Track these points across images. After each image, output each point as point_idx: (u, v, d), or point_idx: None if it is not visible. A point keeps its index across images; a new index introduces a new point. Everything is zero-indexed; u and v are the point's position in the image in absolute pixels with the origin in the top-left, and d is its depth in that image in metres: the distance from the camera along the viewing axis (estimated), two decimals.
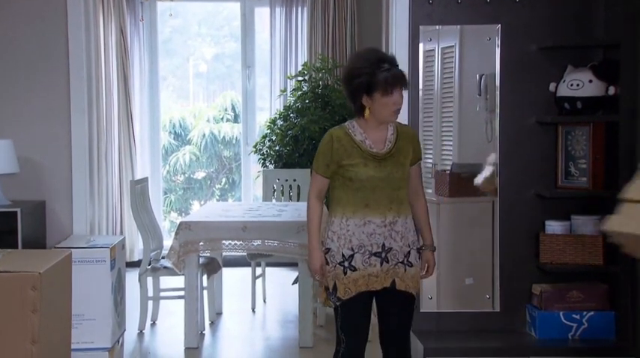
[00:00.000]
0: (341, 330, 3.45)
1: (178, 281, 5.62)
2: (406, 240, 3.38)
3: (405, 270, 3.37)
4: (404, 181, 3.40)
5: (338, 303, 3.41)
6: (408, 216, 3.41)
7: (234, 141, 9.34)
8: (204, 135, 9.38)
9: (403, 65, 4.23)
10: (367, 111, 3.36)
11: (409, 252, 3.38)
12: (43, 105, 5.30)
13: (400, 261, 3.36)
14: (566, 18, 4.10)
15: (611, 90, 3.89)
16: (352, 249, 3.36)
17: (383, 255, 3.36)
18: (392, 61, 3.36)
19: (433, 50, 4.34)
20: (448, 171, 4.37)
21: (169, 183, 9.45)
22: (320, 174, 3.43)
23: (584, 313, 3.93)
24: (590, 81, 3.93)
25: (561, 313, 3.93)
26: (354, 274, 3.37)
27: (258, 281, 6.42)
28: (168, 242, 5.90)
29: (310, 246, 3.45)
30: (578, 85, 3.95)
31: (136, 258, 7.64)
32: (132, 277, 5.81)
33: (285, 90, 7.83)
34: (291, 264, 6.75)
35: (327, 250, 3.41)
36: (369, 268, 3.36)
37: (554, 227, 4.02)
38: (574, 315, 3.93)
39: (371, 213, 3.35)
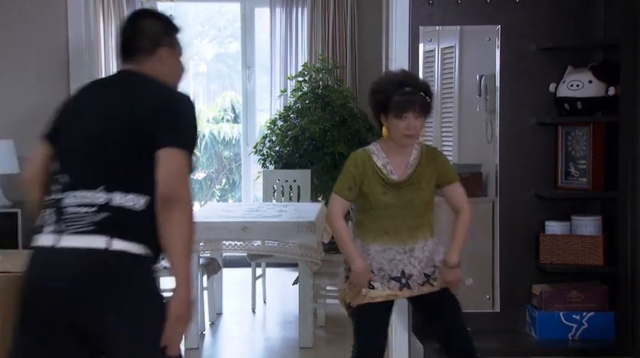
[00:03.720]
0: (355, 334, 3.46)
1: None
2: (429, 262, 3.38)
3: (432, 286, 3.40)
4: (425, 207, 3.37)
5: (355, 305, 3.42)
6: (429, 240, 3.38)
7: (234, 142, 9.35)
8: (204, 135, 9.39)
9: (403, 65, 4.25)
10: (384, 130, 3.37)
11: (433, 272, 3.40)
12: (43, 106, 5.30)
13: (421, 283, 3.38)
14: (566, 19, 4.11)
15: (611, 91, 3.89)
16: (372, 272, 3.37)
17: (403, 280, 3.37)
18: (416, 85, 3.34)
19: (433, 51, 4.34)
20: None
21: None
22: (341, 197, 3.39)
23: (584, 313, 3.92)
24: (590, 81, 3.93)
25: (561, 313, 3.93)
26: (373, 292, 3.38)
27: (259, 282, 6.42)
28: None
29: (351, 258, 3.39)
30: (578, 85, 3.95)
31: None
32: None
33: (285, 90, 7.83)
34: (292, 265, 6.75)
35: (349, 269, 3.42)
36: (387, 290, 3.38)
37: (554, 227, 4.02)
38: (574, 316, 3.93)
39: (391, 240, 3.36)
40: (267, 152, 7.44)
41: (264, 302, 6.53)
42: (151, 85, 2.61)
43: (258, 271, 6.42)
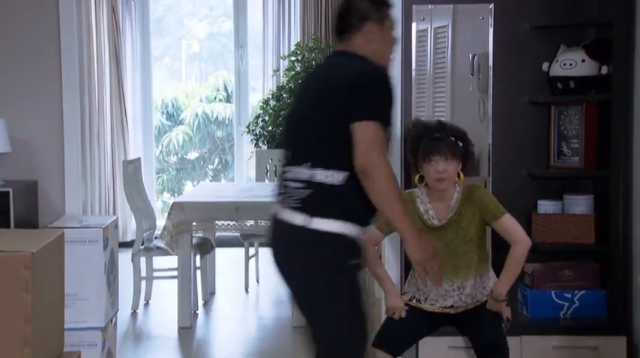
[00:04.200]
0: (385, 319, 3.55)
1: (171, 261, 5.63)
2: (477, 298, 3.50)
3: (477, 303, 3.52)
4: (468, 245, 3.46)
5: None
6: (480, 275, 3.50)
7: (226, 122, 9.33)
8: (196, 115, 9.36)
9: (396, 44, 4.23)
10: (418, 177, 3.48)
11: (484, 297, 3.52)
12: (35, 85, 5.28)
13: (470, 307, 3.51)
14: None
15: (604, 70, 3.89)
16: (420, 302, 3.54)
17: (452, 310, 3.51)
18: (447, 132, 3.45)
19: (426, 30, 4.33)
20: None
21: (162, 163, 9.44)
22: (377, 228, 3.47)
23: (576, 292, 3.94)
24: (583, 60, 3.92)
25: (553, 292, 3.95)
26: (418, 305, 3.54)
27: (252, 262, 6.43)
28: (161, 222, 5.90)
29: (386, 292, 3.54)
30: (570, 64, 3.94)
31: (128, 238, 7.64)
32: (125, 257, 5.82)
33: (278, 70, 7.81)
34: None
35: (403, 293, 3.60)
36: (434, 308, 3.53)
37: (546, 206, 4.03)
38: (566, 294, 3.94)
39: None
40: (259, 132, 7.43)
41: (257, 281, 6.54)
42: (349, 62, 2.72)
43: (251, 251, 6.43)
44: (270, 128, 7.34)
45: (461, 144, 3.47)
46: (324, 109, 2.68)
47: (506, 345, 3.39)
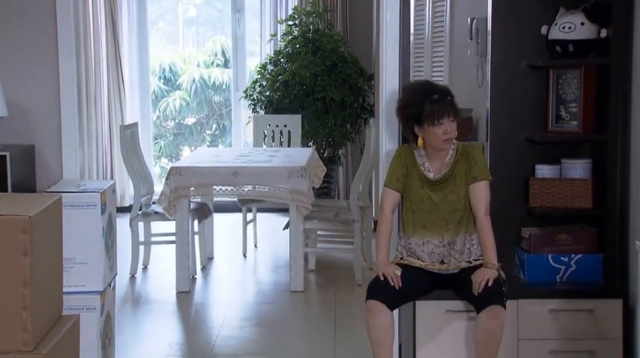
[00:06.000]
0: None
1: (169, 226, 5.64)
2: (467, 256, 3.55)
3: (470, 263, 3.56)
4: (461, 201, 3.54)
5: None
6: (473, 233, 3.56)
7: (224, 87, 9.29)
8: (194, 80, 9.32)
9: (394, 8, 4.21)
10: (420, 141, 3.54)
11: (476, 259, 3.56)
12: (31, 49, 5.25)
13: (462, 265, 3.55)
14: None
15: (603, 33, 3.87)
16: (411, 259, 3.59)
17: (443, 267, 3.56)
18: (442, 92, 3.53)
19: None
20: None
21: (159, 128, 9.43)
22: (390, 188, 3.59)
23: (573, 256, 3.95)
24: (582, 23, 3.90)
25: (550, 256, 3.96)
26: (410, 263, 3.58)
27: (249, 227, 6.45)
28: (158, 187, 5.91)
29: (378, 260, 3.62)
30: (570, 27, 3.91)
31: (126, 203, 7.65)
32: (123, 222, 5.83)
33: (275, 34, 7.76)
34: (282, 210, 6.77)
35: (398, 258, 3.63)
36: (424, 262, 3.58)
37: (543, 171, 4.02)
38: (562, 258, 3.95)
39: (428, 233, 3.54)
40: (257, 97, 7.41)
41: (255, 246, 6.56)
42: None
43: (249, 216, 6.45)
44: (267, 93, 7.31)
45: (455, 102, 3.58)
46: None
47: (503, 292, 3.46)
